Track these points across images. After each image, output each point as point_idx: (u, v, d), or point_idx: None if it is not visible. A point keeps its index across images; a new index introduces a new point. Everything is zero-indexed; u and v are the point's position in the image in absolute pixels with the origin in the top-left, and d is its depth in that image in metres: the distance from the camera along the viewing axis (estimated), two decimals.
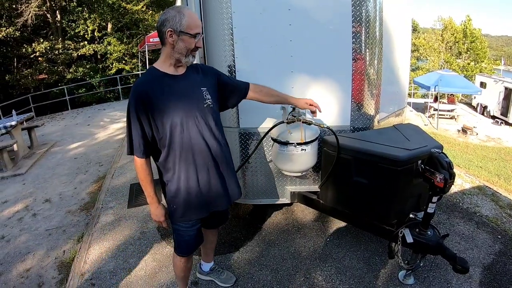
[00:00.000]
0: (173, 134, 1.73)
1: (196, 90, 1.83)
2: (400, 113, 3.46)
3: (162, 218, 1.91)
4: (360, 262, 2.70)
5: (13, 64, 16.11)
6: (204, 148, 1.81)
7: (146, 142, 1.75)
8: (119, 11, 16.20)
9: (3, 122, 6.61)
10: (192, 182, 1.82)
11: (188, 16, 1.68)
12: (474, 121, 15.64)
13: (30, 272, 3.03)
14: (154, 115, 1.70)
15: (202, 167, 1.83)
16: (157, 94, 1.70)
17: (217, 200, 1.93)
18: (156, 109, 1.69)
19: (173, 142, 1.75)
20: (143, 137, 1.74)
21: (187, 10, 1.71)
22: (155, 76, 1.76)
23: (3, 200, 4.69)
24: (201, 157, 1.81)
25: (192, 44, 1.72)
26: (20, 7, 14.04)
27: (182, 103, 1.75)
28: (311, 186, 2.84)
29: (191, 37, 1.70)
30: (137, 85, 1.74)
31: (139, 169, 1.81)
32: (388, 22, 2.65)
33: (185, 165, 1.80)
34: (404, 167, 2.07)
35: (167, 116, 1.71)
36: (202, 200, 1.88)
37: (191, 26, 1.68)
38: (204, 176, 1.84)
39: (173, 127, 1.72)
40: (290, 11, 2.35)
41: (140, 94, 1.68)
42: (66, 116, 11.26)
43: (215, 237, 2.43)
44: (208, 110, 1.83)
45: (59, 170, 5.81)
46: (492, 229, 3.14)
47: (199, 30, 1.72)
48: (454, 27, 28.87)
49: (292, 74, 2.49)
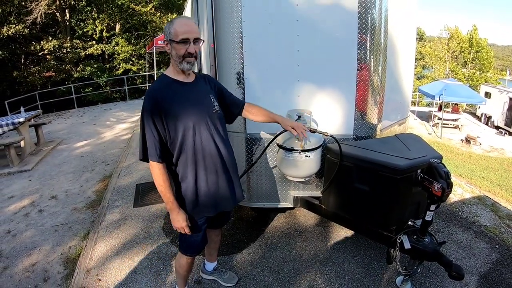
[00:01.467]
0: (186, 137, 1.81)
1: (206, 97, 1.92)
2: (403, 122, 3.53)
3: (184, 223, 1.88)
4: (360, 266, 2.76)
5: (21, 61, 16.36)
6: (214, 151, 1.89)
7: (162, 146, 1.80)
8: (127, 12, 16.42)
9: (11, 118, 6.71)
10: (202, 183, 1.89)
11: (176, 24, 1.75)
12: (478, 131, 15.64)
13: (36, 267, 3.11)
14: (167, 119, 1.77)
15: (212, 169, 1.91)
16: (170, 99, 1.79)
17: (224, 201, 2.01)
18: (169, 113, 1.76)
19: (185, 145, 1.82)
20: (160, 141, 1.79)
21: (178, 19, 1.79)
22: (167, 82, 1.86)
23: (10, 195, 4.78)
24: (211, 159, 1.89)
25: (182, 50, 1.76)
26: (29, 5, 14.25)
27: (194, 108, 1.83)
28: (314, 191, 2.92)
29: (178, 43, 1.75)
30: (151, 91, 1.81)
31: (157, 174, 1.82)
32: (392, 32, 2.72)
33: (196, 166, 1.87)
34: (404, 175, 2.14)
35: (180, 120, 1.78)
36: (211, 200, 1.95)
37: (178, 33, 1.74)
38: (213, 177, 1.92)
39: (186, 131, 1.80)
40: (298, 22, 2.44)
41: (155, 99, 1.76)
42: (72, 114, 11.40)
43: (218, 237, 2.49)
44: (217, 116, 1.92)
45: (65, 167, 5.91)
46: (490, 238, 3.20)
47: (187, 35, 1.74)
48: (460, 36, 28.87)
49: (299, 83, 2.58)
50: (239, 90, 2.63)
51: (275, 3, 2.42)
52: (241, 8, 2.42)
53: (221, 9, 2.50)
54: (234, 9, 2.43)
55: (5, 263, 3.19)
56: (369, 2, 2.39)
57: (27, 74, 15.35)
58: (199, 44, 1.83)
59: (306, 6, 2.41)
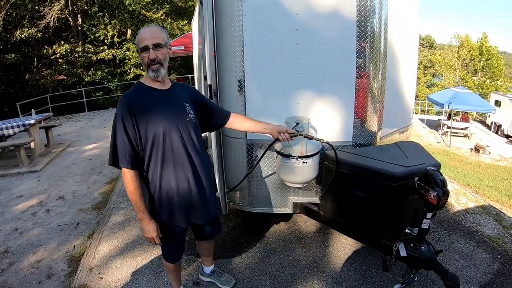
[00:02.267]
0: (156, 143, 1.81)
1: (180, 104, 1.92)
2: (405, 130, 3.52)
3: (154, 234, 1.88)
4: (357, 273, 2.78)
5: (33, 64, 16.73)
6: (185, 160, 1.88)
7: (133, 153, 1.79)
8: (139, 18, 16.68)
9: (22, 120, 6.89)
10: (172, 191, 1.88)
11: (139, 34, 1.78)
12: (487, 139, 15.42)
13: (40, 264, 3.20)
14: (138, 125, 1.77)
15: (182, 178, 1.89)
16: (142, 105, 1.79)
17: (196, 212, 1.99)
18: (141, 119, 1.77)
19: (155, 151, 1.82)
20: (130, 146, 1.78)
21: (143, 29, 1.81)
22: (141, 89, 1.86)
23: (18, 195, 4.91)
24: (181, 167, 1.88)
25: (144, 58, 1.78)
26: (42, 10, 14.60)
27: (166, 114, 1.83)
28: (313, 197, 2.95)
29: (141, 52, 1.78)
30: (125, 97, 1.82)
31: (128, 180, 1.80)
32: (393, 39, 2.74)
33: (166, 173, 1.86)
34: (399, 183, 2.15)
35: (151, 126, 1.78)
36: (181, 210, 1.94)
37: (139, 41, 1.77)
38: (184, 186, 1.90)
39: (156, 137, 1.80)
40: (297, 31, 2.49)
41: (127, 105, 1.76)
42: (82, 117, 11.62)
43: (210, 244, 2.48)
44: (190, 124, 1.91)
45: (73, 169, 6.03)
46: (492, 248, 3.17)
47: (145, 43, 1.75)
48: (470, 44, 28.65)
49: (298, 91, 2.62)
50: (240, 97, 2.68)
51: (275, 12, 2.47)
52: (242, 17, 2.48)
53: (222, 18, 2.56)
54: (236, 18, 2.49)
55: (11, 259, 3.29)
56: (368, 11, 2.42)
57: (39, 77, 15.70)
58: (162, 49, 1.80)
59: (306, 15, 2.45)
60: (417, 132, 14.32)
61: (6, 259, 3.29)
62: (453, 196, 4.48)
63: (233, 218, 3.70)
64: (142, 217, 1.86)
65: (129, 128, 1.76)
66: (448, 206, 4.10)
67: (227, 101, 2.75)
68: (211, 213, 2.10)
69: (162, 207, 1.91)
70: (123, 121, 1.75)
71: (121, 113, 1.75)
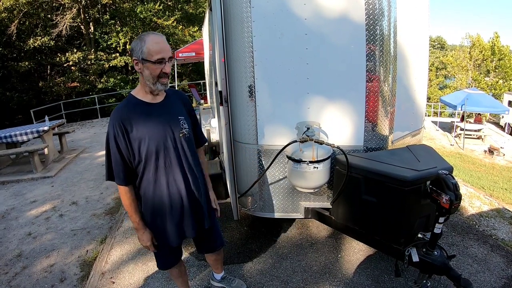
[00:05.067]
0: (148, 162, 1.79)
1: (173, 119, 1.85)
2: (416, 133, 3.48)
3: (148, 242, 1.93)
4: (369, 279, 2.75)
5: (46, 71, 17.12)
6: (178, 176, 1.86)
7: (126, 169, 1.79)
8: (150, 25, 16.92)
9: (36, 126, 7.02)
10: (164, 208, 1.88)
11: (149, 43, 1.66)
12: (501, 141, 15.11)
13: (53, 268, 3.25)
14: (131, 143, 1.75)
15: (175, 194, 1.88)
16: (133, 121, 1.73)
17: (189, 226, 1.97)
18: (132, 136, 1.73)
19: (148, 169, 1.81)
20: (124, 164, 1.77)
21: (149, 36, 1.69)
22: (133, 103, 1.78)
23: (32, 200, 5.01)
24: (174, 184, 1.86)
25: (157, 70, 1.70)
26: (55, 18, 14.95)
27: (158, 131, 1.78)
28: (324, 202, 2.93)
29: (154, 63, 1.68)
30: (115, 113, 1.75)
31: (123, 195, 1.84)
32: (403, 41, 2.72)
33: (159, 191, 1.85)
34: (411, 187, 2.13)
35: (143, 144, 1.75)
36: (175, 225, 1.93)
37: (152, 52, 1.66)
38: (177, 203, 1.89)
39: (148, 155, 1.77)
40: (306, 36, 2.50)
41: (118, 122, 1.71)
42: (95, 124, 11.80)
43: (218, 255, 2.46)
44: (184, 139, 1.87)
45: (87, 175, 6.12)
46: (507, 252, 3.11)
47: (162, 55, 1.68)
48: (482, 44, 28.22)
49: (308, 96, 2.62)
50: (251, 103, 2.69)
51: (284, 17, 2.49)
52: (251, 23, 2.50)
53: (232, 24, 2.59)
54: (245, 24, 2.51)
55: (25, 263, 3.35)
56: (377, 13, 2.42)
57: (52, 84, 16.01)
58: (171, 62, 1.78)
59: (314, 20, 2.46)
60: (430, 135, 14.13)
61: (20, 263, 3.36)
62: (467, 199, 4.41)
63: (244, 223, 3.71)
64: (137, 227, 1.91)
65: (122, 147, 1.75)
66: (462, 210, 4.03)
67: (237, 107, 2.77)
68: (206, 225, 2.07)
69: (156, 221, 1.92)
70: (115, 140, 1.73)
71: (113, 133, 1.72)
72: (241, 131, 2.82)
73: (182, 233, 1.98)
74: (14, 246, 3.69)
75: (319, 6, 2.45)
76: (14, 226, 4.19)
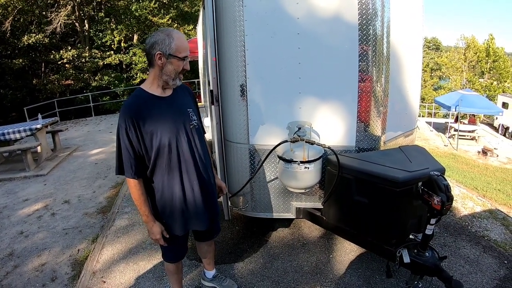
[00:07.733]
0: (161, 154, 1.81)
1: (184, 111, 1.90)
2: (409, 134, 3.49)
3: (158, 235, 1.93)
4: (361, 279, 2.74)
5: (41, 69, 16.99)
6: (190, 168, 1.89)
7: (137, 163, 1.80)
8: (145, 23, 16.85)
9: (29, 124, 6.96)
10: (176, 200, 1.90)
11: (177, 40, 1.73)
12: (495, 142, 15.21)
13: (45, 267, 3.22)
14: (143, 137, 1.76)
15: (188, 186, 1.90)
16: (145, 115, 1.76)
17: (199, 219, 2.00)
18: (144, 130, 1.75)
19: (161, 161, 1.82)
20: (135, 158, 1.79)
21: (176, 34, 1.76)
22: (143, 97, 1.81)
23: (25, 198, 4.96)
24: (187, 175, 1.88)
25: (180, 66, 1.78)
26: (50, 15, 14.83)
27: (170, 124, 1.81)
28: (316, 203, 2.93)
29: (180, 60, 1.76)
30: (126, 107, 1.78)
31: (133, 189, 1.85)
32: (396, 41, 2.72)
33: (171, 183, 1.87)
34: (403, 188, 2.13)
35: (156, 137, 1.77)
36: (185, 217, 1.96)
37: (180, 49, 1.74)
38: (189, 194, 1.91)
39: (161, 148, 1.79)
40: (299, 35, 2.49)
41: (129, 116, 1.73)
42: (89, 122, 11.71)
43: (210, 247, 2.48)
44: (194, 131, 1.91)
45: (79, 173, 6.07)
46: (499, 253, 3.12)
47: (187, 53, 1.78)
48: (477, 46, 28.43)
49: (300, 95, 2.61)
50: (242, 102, 2.68)
51: (276, 17, 2.48)
52: (243, 22, 2.48)
53: (224, 22, 2.57)
54: (237, 23, 2.50)
55: (16, 262, 3.32)
56: (370, 14, 2.41)
57: (46, 82, 15.90)
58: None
59: (307, 19, 2.45)
60: (424, 136, 14.19)
61: (11, 261, 3.32)
62: (460, 200, 4.42)
63: (236, 223, 3.69)
64: (147, 220, 1.91)
65: (133, 140, 1.76)
66: (454, 211, 4.05)
67: (229, 106, 2.75)
68: (214, 217, 2.11)
69: (165, 213, 1.94)
70: (127, 133, 1.75)
71: (124, 126, 1.74)
72: (233, 131, 2.80)
73: (192, 223, 2.00)
74: (5, 245, 3.65)
75: (312, 6, 2.44)
76: (6, 224, 4.14)
